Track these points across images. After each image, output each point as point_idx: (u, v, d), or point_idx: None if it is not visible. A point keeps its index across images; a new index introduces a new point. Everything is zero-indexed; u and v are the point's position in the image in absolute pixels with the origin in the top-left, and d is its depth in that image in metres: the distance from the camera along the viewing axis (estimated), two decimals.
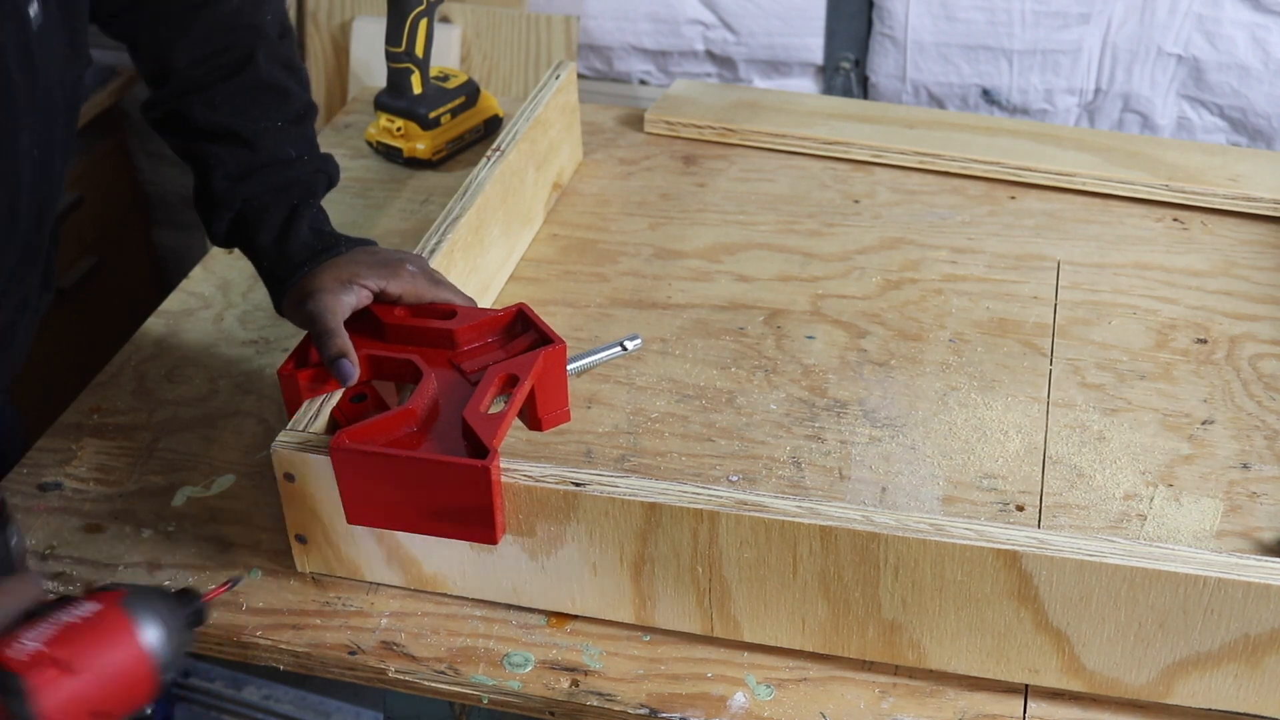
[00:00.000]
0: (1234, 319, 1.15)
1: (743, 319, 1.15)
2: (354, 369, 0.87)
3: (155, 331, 1.16)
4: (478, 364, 0.89)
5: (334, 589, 0.91)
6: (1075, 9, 1.65)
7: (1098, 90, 1.70)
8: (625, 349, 1.12)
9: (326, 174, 1.01)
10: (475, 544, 0.86)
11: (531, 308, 0.92)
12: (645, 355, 1.11)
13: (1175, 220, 1.29)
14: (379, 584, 0.91)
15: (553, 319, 1.12)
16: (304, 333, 0.91)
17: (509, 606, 0.89)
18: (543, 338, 0.90)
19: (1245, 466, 1.00)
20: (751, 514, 0.79)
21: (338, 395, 0.91)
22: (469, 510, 0.81)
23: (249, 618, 0.89)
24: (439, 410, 0.85)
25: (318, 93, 1.94)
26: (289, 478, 0.86)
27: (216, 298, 1.20)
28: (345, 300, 0.90)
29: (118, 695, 0.68)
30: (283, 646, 0.87)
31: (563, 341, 0.89)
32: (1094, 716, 0.82)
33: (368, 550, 0.89)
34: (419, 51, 1.35)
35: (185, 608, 0.73)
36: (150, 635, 0.69)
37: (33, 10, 0.85)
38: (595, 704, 0.83)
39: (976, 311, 1.16)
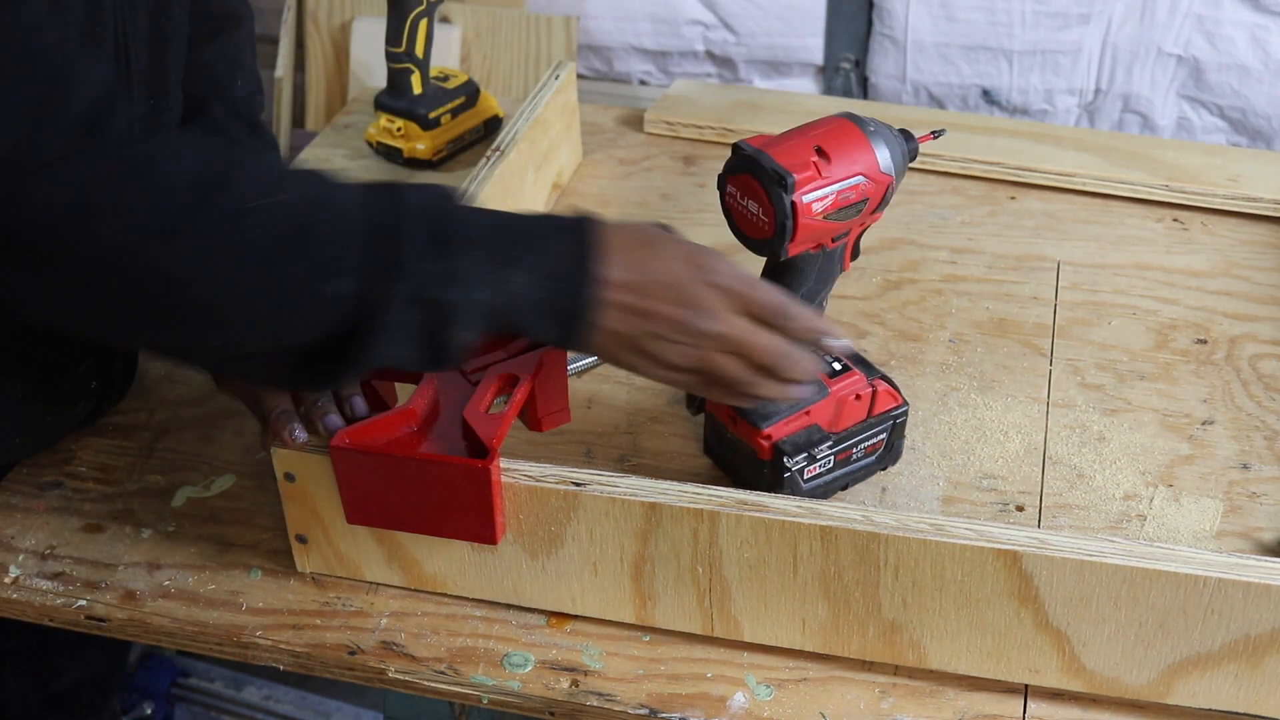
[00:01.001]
0: (1234, 319, 1.15)
1: None
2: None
3: None
4: (478, 364, 0.89)
5: (334, 589, 0.91)
6: (1075, 9, 1.65)
7: (1098, 90, 1.70)
8: None
9: None
10: (475, 544, 0.86)
11: None
12: None
13: (1175, 220, 1.29)
14: (379, 584, 0.91)
15: None
16: None
17: (509, 606, 0.89)
18: None
19: (1245, 467, 1.00)
20: (752, 514, 0.79)
21: None
22: (469, 510, 0.81)
23: (249, 618, 0.89)
24: (439, 410, 0.85)
25: (318, 93, 1.95)
26: (289, 477, 0.86)
27: None
28: None
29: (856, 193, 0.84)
30: (283, 646, 0.87)
31: None
32: (1094, 716, 0.82)
33: (368, 550, 0.89)
34: (419, 52, 1.35)
35: (906, 141, 0.86)
36: (881, 150, 0.84)
37: None
38: (595, 704, 0.83)
39: (976, 312, 1.16)
